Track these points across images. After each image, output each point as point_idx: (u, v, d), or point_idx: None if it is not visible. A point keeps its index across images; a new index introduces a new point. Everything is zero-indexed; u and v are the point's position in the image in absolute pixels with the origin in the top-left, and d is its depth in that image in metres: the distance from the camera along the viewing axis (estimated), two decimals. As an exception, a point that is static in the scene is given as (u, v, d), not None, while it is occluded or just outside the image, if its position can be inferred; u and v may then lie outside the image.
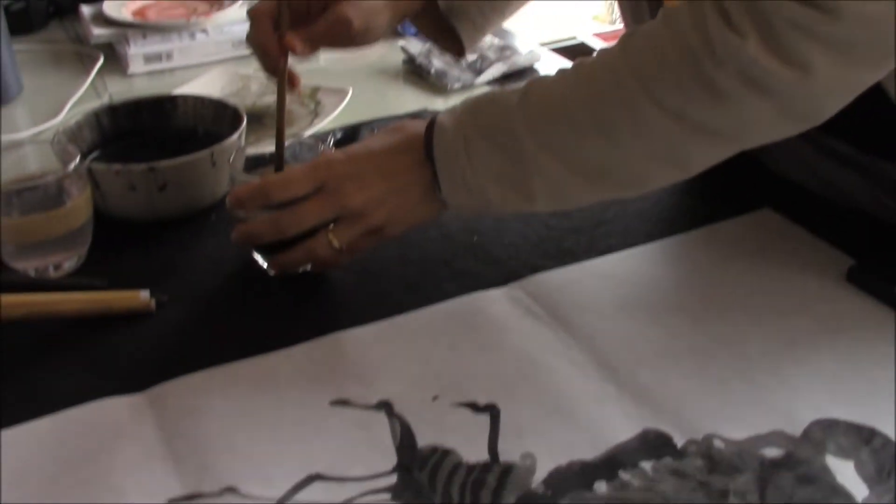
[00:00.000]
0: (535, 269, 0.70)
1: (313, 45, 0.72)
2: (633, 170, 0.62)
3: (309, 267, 0.69)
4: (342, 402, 0.58)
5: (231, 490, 0.52)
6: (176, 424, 0.56)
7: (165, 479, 0.52)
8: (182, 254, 0.74)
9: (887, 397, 0.58)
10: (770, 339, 0.63)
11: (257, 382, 0.60)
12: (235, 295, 0.69)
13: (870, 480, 0.52)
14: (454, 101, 0.93)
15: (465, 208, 0.66)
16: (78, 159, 0.69)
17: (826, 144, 0.72)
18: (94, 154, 0.80)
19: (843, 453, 0.54)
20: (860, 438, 0.55)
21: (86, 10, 1.17)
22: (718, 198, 0.78)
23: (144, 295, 0.66)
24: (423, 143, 0.65)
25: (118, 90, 1.05)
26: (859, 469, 0.53)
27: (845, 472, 0.53)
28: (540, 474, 0.53)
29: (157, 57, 1.11)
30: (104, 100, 1.03)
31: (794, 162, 0.77)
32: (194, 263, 0.73)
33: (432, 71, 1.04)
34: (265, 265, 0.70)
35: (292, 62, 0.72)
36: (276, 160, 0.70)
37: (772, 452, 0.54)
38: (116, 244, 0.74)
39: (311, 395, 0.58)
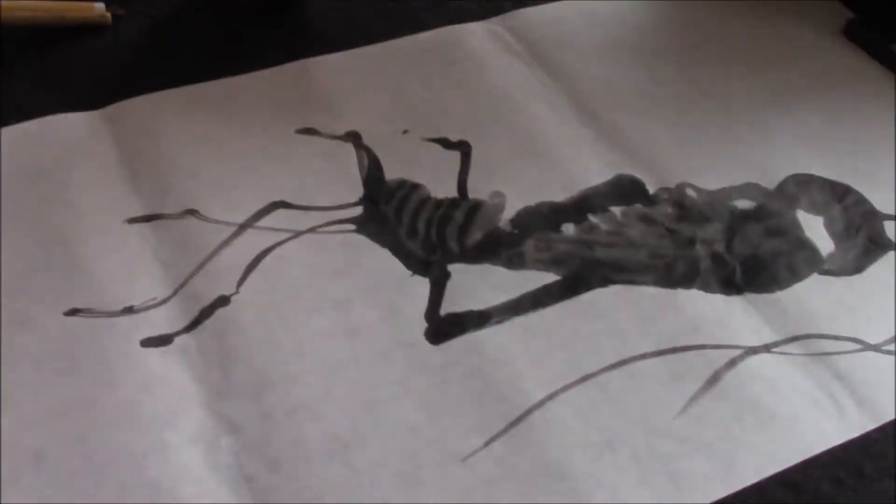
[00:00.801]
0: (518, 3, 0.66)
1: None
2: None
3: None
4: (308, 131, 0.56)
5: (192, 212, 0.50)
6: (135, 144, 0.54)
7: (125, 198, 0.51)
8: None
9: (867, 156, 0.57)
10: (755, 90, 0.61)
11: (221, 106, 0.57)
12: (200, 13, 0.64)
13: (837, 237, 0.52)
14: None
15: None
16: None
17: None
18: None
19: (814, 209, 0.53)
20: (833, 195, 0.54)
21: None
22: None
23: (99, 6, 0.61)
24: None
25: None
26: (828, 225, 0.53)
27: (814, 227, 0.52)
28: (508, 213, 0.52)
29: None
30: None
31: None
32: (154, -23, 0.67)
33: None
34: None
35: None
36: None
37: (743, 204, 0.53)
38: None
39: (276, 121, 0.56)
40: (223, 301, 0.46)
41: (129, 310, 0.46)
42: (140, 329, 0.45)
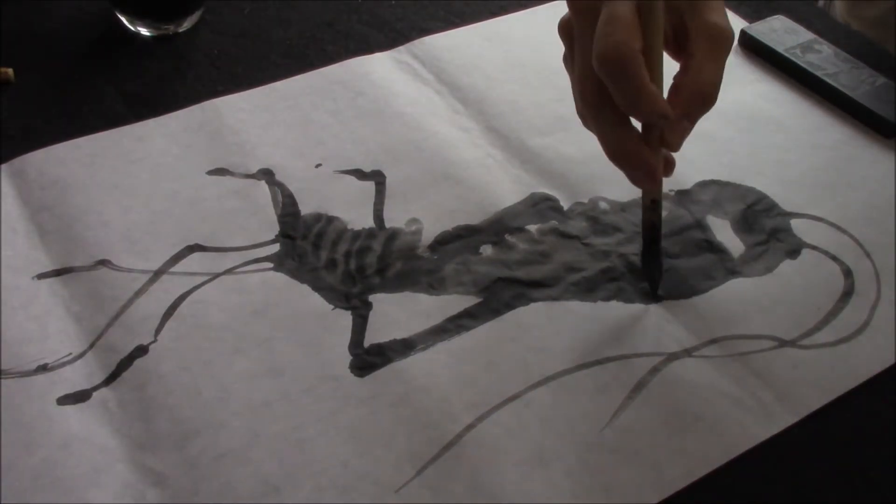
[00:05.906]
0: (423, 31, 0.67)
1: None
2: None
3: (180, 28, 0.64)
4: (220, 172, 0.55)
5: (104, 263, 0.49)
6: (40, 198, 0.53)
7: (32, 254, 0.50)
8: (39, 17, 0.67)
9: (768, 160, 0.58)
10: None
11: (128, 153, 0.56)
12: (102, 61, 0.64)
13: (746, 239, 0.53)
14: None
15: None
16: None
17: None
18: None
19: (723, 213, 0.55)
20: (742, 199, 0.56)
21: None
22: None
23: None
24: None
25: None
26: (737, 228, 0.54)
27: (724, 231, 0.54)
28: (426, 239, 0.52)
29: None
30: None
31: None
32: (53, 28, 0.66)
33: None
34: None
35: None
36: None
37: (655, 213, 0.54)
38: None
39: (186, 164, 0.55)
40: (141, 351, 0.45)
41: (44, 368, 0.44)
42: (56, 387, 0.44)
